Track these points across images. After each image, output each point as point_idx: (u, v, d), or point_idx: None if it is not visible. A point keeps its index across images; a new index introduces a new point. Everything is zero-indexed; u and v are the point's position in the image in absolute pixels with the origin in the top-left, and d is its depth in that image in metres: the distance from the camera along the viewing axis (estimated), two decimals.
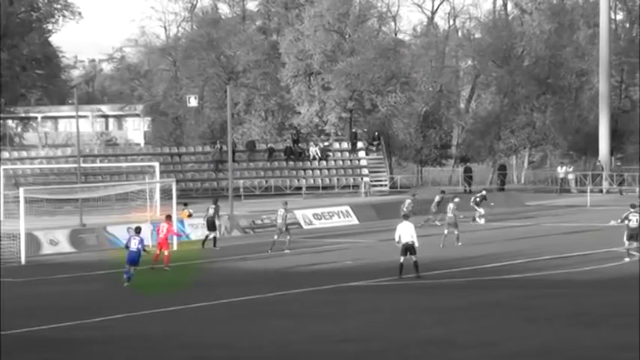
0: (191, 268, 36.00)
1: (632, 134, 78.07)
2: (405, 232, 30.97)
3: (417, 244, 31.02)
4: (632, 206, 34.84)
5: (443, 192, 49.88)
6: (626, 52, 76.10)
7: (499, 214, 51.83)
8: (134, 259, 31.15)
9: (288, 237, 39.23)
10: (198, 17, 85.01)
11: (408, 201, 46.01)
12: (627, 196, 62.63)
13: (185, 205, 45.68)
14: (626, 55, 75.98)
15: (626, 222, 34.02)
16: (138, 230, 32.11)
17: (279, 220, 39.33)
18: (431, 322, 24.47)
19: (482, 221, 48.44)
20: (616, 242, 36.55)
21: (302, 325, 24.41)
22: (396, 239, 31.26)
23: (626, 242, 34.19)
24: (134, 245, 31.26)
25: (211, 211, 41.92)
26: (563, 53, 77.23)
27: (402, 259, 30.92)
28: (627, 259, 33.83)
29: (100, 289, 31.42)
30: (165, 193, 45.96)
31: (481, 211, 48.96)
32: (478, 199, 49.41)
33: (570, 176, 68.48)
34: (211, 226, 41.53)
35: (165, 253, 35.24)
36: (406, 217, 32.22)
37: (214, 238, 41.39)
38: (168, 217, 37.01)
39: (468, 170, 71.26)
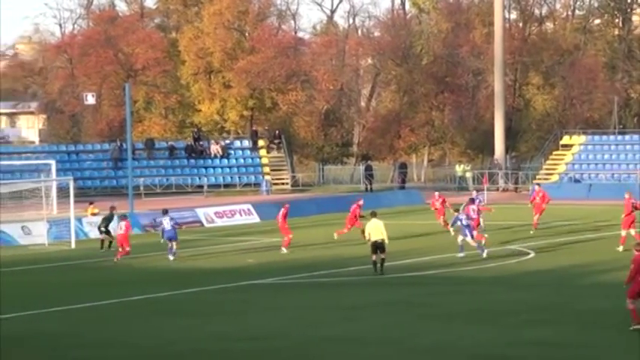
0: (90, 266, 35.46)
1: (525, 133, 79.46)
2: (375, 230, 30.93)
3: (387, 242, 31.01)
4: None
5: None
6: (519, 51, 77.40)
7: (400, 212, 52.20)
8: (172, 235, 34.92)
9: None
10: (94, 14, 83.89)
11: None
12: (522, 194, 63.74)
13: (91, 203, 45.79)
14: (519, 54, 77.29)
15: None
16: (166, 211, 35.91)
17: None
18: (333, 319, 24.50)
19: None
20: (515, 240, 37.14)
21: (203, 323, 24.20)
22: (366, 237, 31.36)
23: None
24: (167, 224, 34.88)
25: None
26: (460, 52, 78.20)
27: (373, 257, 30.97)
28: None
29: None
30: (63, 192, 45.46)
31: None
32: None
33: (468, 174, 69.40)
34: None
35: None
36: (374, 214, 31.79)
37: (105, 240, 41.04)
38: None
39: (369, 168, 71.66)
